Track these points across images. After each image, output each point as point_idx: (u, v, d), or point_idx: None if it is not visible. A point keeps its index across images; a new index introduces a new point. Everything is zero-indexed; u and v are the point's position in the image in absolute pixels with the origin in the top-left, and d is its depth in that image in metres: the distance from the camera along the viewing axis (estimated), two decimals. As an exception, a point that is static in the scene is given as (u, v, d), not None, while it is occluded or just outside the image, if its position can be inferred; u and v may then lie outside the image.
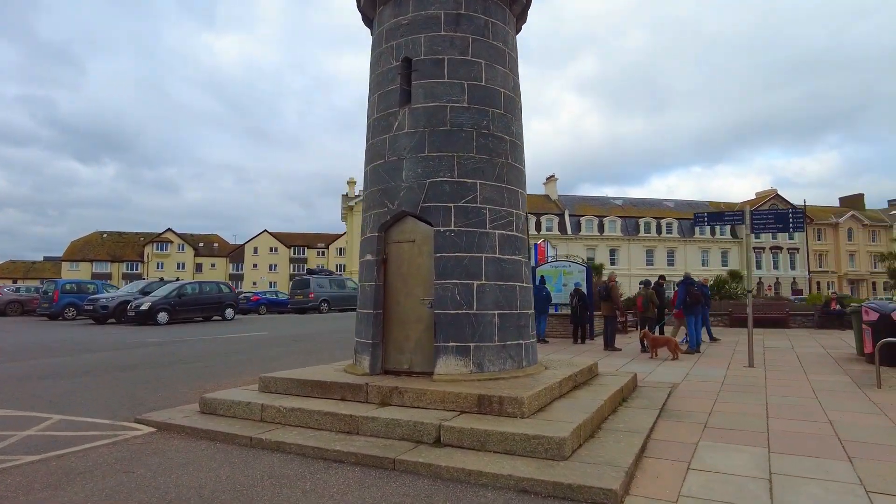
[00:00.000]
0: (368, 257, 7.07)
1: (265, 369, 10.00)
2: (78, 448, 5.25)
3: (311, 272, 33.03)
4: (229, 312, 23.21)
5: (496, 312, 6.54)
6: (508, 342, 6.61)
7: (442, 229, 6.56)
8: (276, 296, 34.35)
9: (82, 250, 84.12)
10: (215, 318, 23.06)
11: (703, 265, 65.80)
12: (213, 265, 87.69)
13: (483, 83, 7.03)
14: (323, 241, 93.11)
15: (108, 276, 77.88)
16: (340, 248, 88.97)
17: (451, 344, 6.33)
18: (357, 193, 61.01)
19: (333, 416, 5.53)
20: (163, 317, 20.29)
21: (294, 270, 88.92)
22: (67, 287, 25.45)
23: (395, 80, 7.12)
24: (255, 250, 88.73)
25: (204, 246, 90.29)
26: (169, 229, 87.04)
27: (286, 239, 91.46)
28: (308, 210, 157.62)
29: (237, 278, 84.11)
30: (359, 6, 8.22)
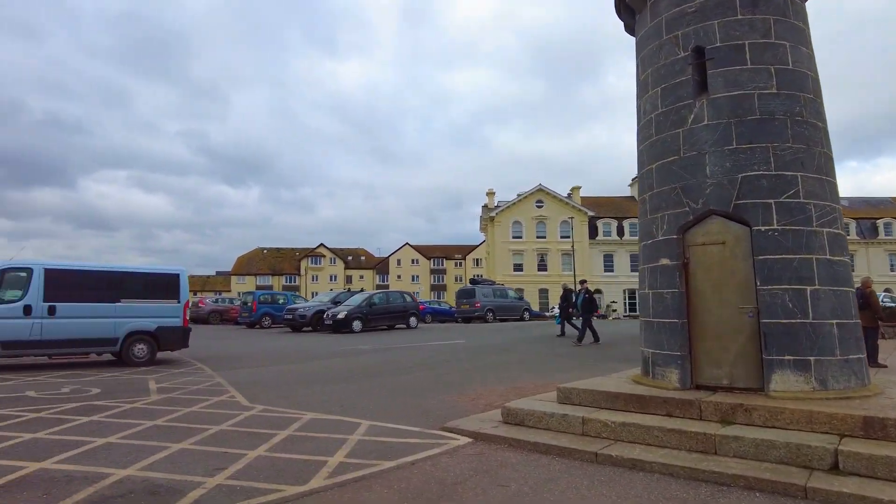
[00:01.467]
0: (664, 262, 6.59)
1: (502, 378, 9.95)
2: (419, 456, 5.30)
3: (474, 282, 33.48)
4: (413, 321, 24.07)
5: (834, 322, 5.74)
6: (850, 356, 5.77)
7: (763, 228, 5.90)
8: (440, 305, 35.21)
9: (247, 265, 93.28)
10: (398, 326, 24.01)
11: (891, 270, 57.48)
12: (361, 277, 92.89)
13: (790, 67, 6.30)
14: (459, 252, 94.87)
15: (270, 289, 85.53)
16: (476, 259, 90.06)
17: (786, 357, 5.63)
18: (496, 204, 61.33)
19: (680, 434, 5.09)
20: (357, 325, 21.48)
21: (434, 281, 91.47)
22: (263, 298, 27.98)
23: (685, 72, 6.62)
24: (399, 262, 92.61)
25: (352, 259, 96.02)
26: (321, 244, 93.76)
27: (426, 251, 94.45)
28: (432, 224, 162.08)
29: (384, 289, 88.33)
30: (620, 6, 7.92)
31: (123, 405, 7.61)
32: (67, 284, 11.26)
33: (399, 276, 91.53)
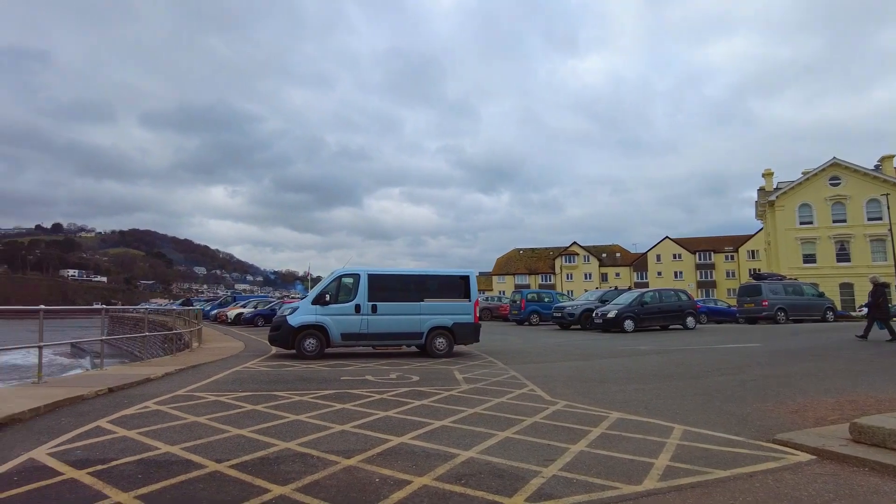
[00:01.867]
0: None
1: (825, 389, 8.53)
2: (756, 468, 4.80)
3: (758, 277, 29.69)
4: (690, 321, 22.47)
5: None
6: None
7: None
8: (716, 304, 32.18)
9: (505, 265, 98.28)
10: (672, 326, 22.64)
11: None
12: (617, 274, 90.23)
13: None
14: (730, 243, 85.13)
15: (527, 287, 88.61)
16: (751, 251, 79.68)
17: None
18: (776, 186, 53.28)
19: None
20: (629, 325, 20.91)
21: (701, 277, 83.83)
22: (531, 297, 29.20)
23: None
24: (658, 258, 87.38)
25: (607, 256, 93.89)
26: (574, 243, 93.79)
27: (689, 244, 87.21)
28: (691, 214, 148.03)
29: (642, 287, 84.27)
30: None
31: (442, 392, 8.63)
32: (385, 287, 13.37)
33: (659, 273, 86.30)
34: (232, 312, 32.61)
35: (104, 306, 17.43)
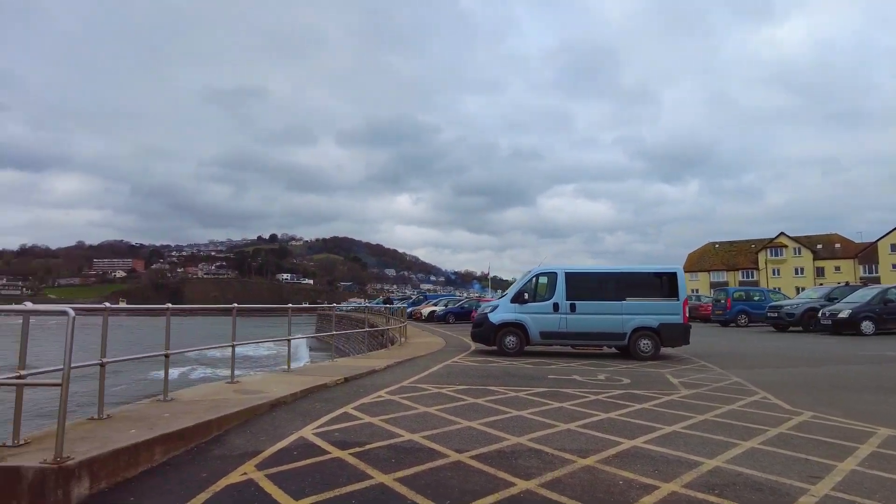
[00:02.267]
0: None
1: None
2: None
3: None
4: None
5: None
6: None
7: None
8: None
9: (699, 261, 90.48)
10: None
11: None
12: (836, 268, 77.96)
13: None
14: None
15: (725, 285, 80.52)
16: None
17: None
18: None
19: None
20: (868, 327, 17.90)
21: (956, 270, 68.77)
22: (737, 295, 26.54)
23: None
24: (892, 248, 73.61)
25: (822, 248, 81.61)
26: (781, 233, 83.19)
27: (937, 230, 72.06)
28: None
29: (872, 283, 71.62)
30: None
31: (661, 396, 8.17)
32: (583, 285, 13.12)
33: (894, 266, 72.60)
34: (426, 310, 34.80)
35: (334, 305, 19.79)
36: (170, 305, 6.60)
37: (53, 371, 5.25)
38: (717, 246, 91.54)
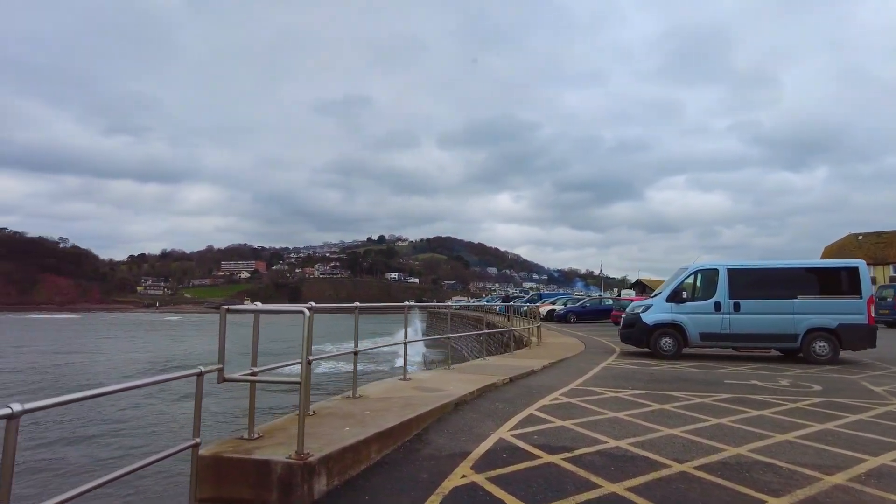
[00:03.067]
0: None
1: None
2: None
3: None
4: None
5: None
6: None
7: None
8: None
9: (838, 255, 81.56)
10: None
11: None
12: None
13: None
14: None
15: (873, 281, 71.97)
16: None
17: None
18: None
19: None
20: None
21: None
22: (907, 292, 23.53)
23: None
24: None
25: None
26: (942, 222, 72.98)
27: None
28: None
29: None
30: None
31: (873, 406, 7.24)
32: (748, 283, 12.06)
33: None
34: (543, 309, 34.02)
35: (450, 303, 19.73)
36: (358, 304, 6.76)
37: (278, 367, 5.54)
38: (860, 238, 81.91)
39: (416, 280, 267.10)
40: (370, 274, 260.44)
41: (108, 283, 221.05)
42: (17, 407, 2.23)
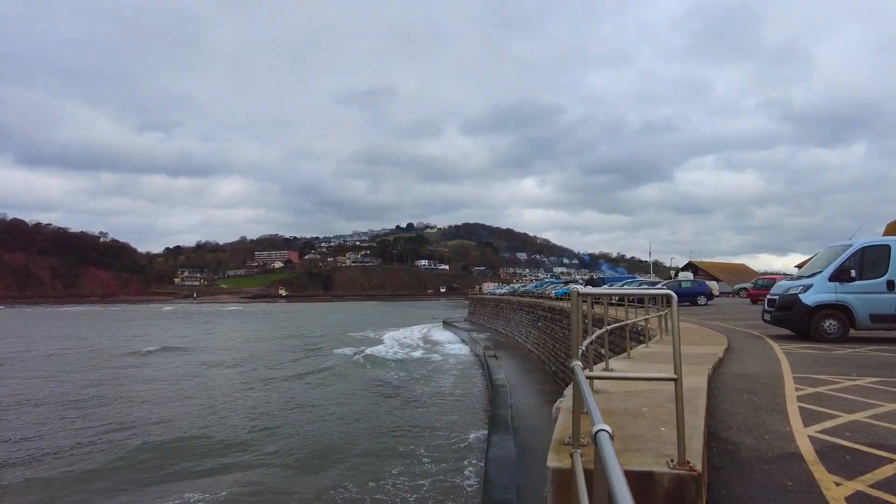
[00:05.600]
0: None
1: None
2: None
3: None
4: None
5: None
6: None
7: None
8: None
9: (896, 232, 78.53)
10: None
11: None
12: None
13: None
14: None
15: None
16: None
17: None
18: None
19: None
20: None
21: None
22: None
23: None
24: None
25: None
26: None
27: None
28: None
29: None
30: None
31: None
32: None
33: None
34: (611, 293, 32.90)
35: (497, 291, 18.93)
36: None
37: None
38: (920, 213, 78.64)
39: (446, 267, 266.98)
40: (400, 261, 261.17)
41: (147, 275, 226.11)
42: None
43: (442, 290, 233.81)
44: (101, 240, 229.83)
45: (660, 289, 9.55)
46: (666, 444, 3.80)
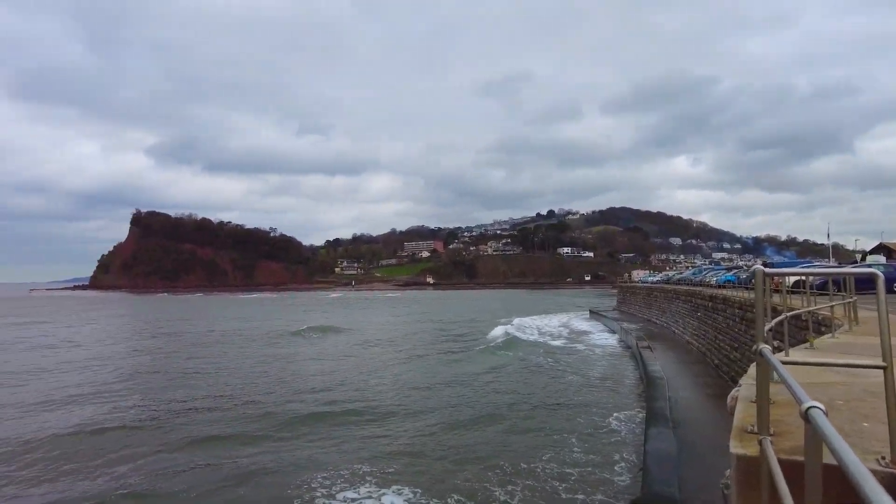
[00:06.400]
0: None
1: None
2: None
3: None
4: None
5: None
6: None
7: None
8: None
9: None
10: None
11: None
12: None
13: None
14: None
15: None
16: None
17: None
18: None
19: None
20: None
21: None
22: None
23: None
24: None
25: None
26: None
27: None
28: None
29: None
30: None
31: None
32: None
33: None
34: (790, 279, 29.56)
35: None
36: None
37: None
38: None
39: (591, 254, 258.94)
40: (542, 249, 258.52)
41: (311, 265, 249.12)
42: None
43: (586, 279, 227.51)
44: (272, 235, 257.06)
45: (863, 268, 8.36)
46: (871, 441, 3.38)
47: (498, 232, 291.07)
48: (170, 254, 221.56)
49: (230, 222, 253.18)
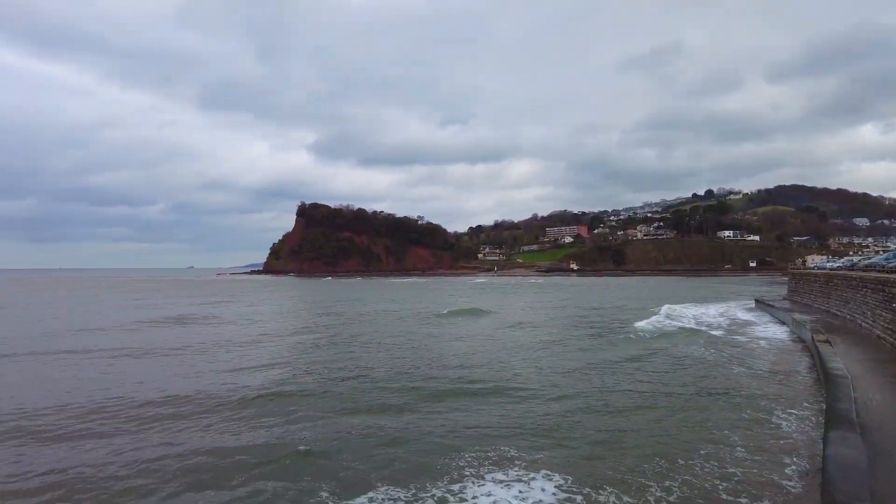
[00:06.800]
0: None
1: None
2: None
3: None
4: None
5: None
6: None
7: None
8: None
9: None
10: None
11: None
12: None
13: None
14: None
15: None
16: None
17: None
18: None
19: None
20: None
21: None
22: None
23: None
24: None
25: None
26: None
27: None
28: None
29: None
30: None
31: None
32: None
33: None
34: None
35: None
36: None
37: None
38: None
39: (756, 238, 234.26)
40: (699, 233, 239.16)
41: (455, 251, 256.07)
42: None
43: (751, 265, 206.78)
44: (419, 222, 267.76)
45: None
46: None
47: (648, 215, 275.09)
48: (330, 241, 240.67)
49: (382, 211, 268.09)
